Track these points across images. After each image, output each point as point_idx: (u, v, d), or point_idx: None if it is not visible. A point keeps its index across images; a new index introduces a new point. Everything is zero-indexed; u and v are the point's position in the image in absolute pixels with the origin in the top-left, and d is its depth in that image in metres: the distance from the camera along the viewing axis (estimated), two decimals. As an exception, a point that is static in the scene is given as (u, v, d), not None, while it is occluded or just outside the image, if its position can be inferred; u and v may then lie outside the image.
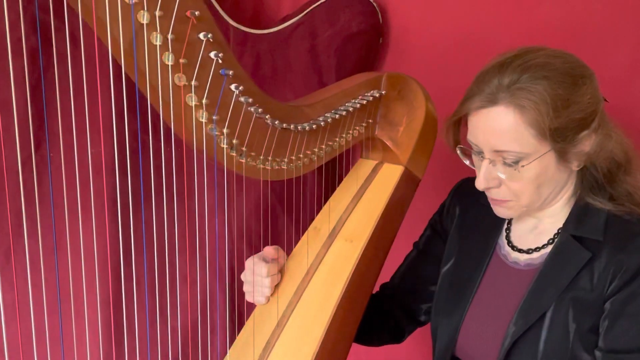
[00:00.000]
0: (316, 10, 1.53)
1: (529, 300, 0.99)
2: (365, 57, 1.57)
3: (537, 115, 0.91)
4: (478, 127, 0.96)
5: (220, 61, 0.84)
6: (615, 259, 0.94)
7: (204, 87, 0.85)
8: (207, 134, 0.88)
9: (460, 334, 1.06)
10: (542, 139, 0.92)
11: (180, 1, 0.79)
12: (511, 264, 1.06)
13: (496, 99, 0.93)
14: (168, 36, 0.79)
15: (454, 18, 1.49)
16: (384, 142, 1.15)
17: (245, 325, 1.08)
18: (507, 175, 0.96)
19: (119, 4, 0.75)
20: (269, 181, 1.42)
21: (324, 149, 1.05)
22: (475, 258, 1.10)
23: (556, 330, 0.96)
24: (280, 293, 1.06)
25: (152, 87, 0.81)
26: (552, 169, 0.97)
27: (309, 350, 0.96)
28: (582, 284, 0.96)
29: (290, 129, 0.97)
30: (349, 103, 1.06)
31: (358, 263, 1.03)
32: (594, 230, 0.97)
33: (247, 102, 0.89)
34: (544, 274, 0.99)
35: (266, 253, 1.09)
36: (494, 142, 0.94)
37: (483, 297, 1.06)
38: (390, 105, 1.15)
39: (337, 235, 1.09)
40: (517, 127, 0.92)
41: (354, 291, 1.02)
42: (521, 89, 0.92)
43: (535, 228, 1.06)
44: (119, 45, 0.77)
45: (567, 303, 0.95)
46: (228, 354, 1.03)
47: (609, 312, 0.93)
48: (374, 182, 1.14)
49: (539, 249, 1.04)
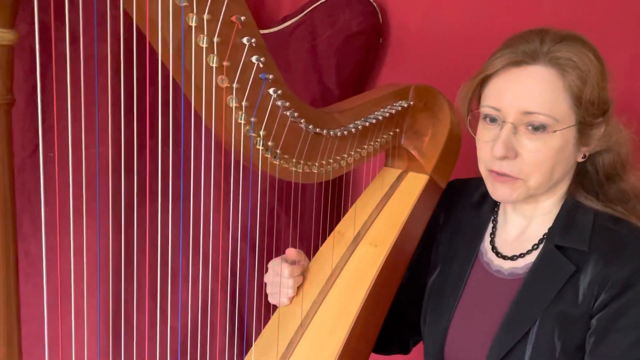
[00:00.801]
0: (316, 10, 1.53)
1: (512, 314, 0.97)
2: (365, 57, 1.57)
3: (578, 82, 0.90)
4: (507, 87, 0.94)
5: (261, 65, 0.87)
6: (600, 273, 0.92)
7: (244, 90, 0.88)
8: (245, 136, 0.91)
9: (447, 346, 1.06)
10: (573, 109, 0.92)
11: (227, 6, 0.82)
12: (494, 273, 1.05)
13: (536, 57, 0.92)
14: (214, 39, 0.82)
15: (454, 18, 1.49)
16: (409, 152, 1.18)
17: (268, 324, 1.10)
18: (529, 144, 0.93)
19: (171, 6, 0.78)
20: (269, 181, 1.43)
21: (352, 155, 1.08)
22: (458, 266, 1.09)
23: (541, 348, 0.94)
24: (304, 293, 1.09)
25: (196, 87, 0.84)
26: (569, 149, 0.95)
27: (332, 350, 0.99)
28: (567, 298, 0.94)
29: (322, 134, 1.00)
30: (378, 112, 1.09)
31: (382, 267, 1.06)
32: (579, 239, 0.96)
33: (284, 106, 0.92)
34: (527, 287, 0.98)
35: (289, 255, 1.11)
36: (525, 102, 0.92)
37: (467, 307, 1.06)
38: (417, 115, 1.18)
39: (361, 239, 1.12)
40: (554, 90, 0.91)
41: (377, 294, 1.05)
42: (566, 53, 0.91)
43: (523, 233, 1.05)
44: (168, 46, 0.80)
45: (552, 319, 0.94)
46: (253, 348, 1.05)
47: (596, 329, 0.92)
48: (398, 190, 1.17)
49: (523, 255, 1.02)
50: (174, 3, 0.78)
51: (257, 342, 1.06)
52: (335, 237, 1.15)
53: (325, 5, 1.52)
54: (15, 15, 0.67)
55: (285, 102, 0.92)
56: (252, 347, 1.05)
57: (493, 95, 0.96)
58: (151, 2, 0.76)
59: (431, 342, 1.09)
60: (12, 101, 0.69)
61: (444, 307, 1.08)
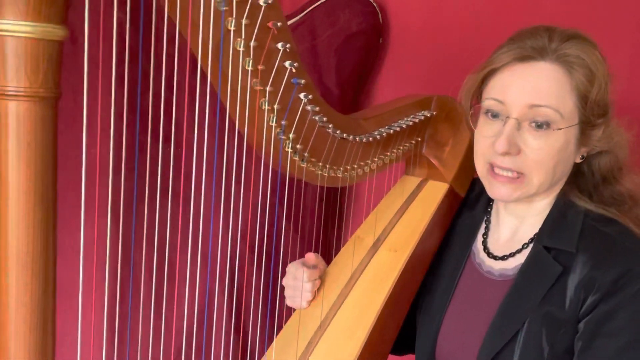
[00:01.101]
0: (316, 10, 1.53)
1: (501, 316, 0.98)
2: (365, 57, 1.57)
3: (585, 81, 0.91)
4: (513, 81, 0.94)
5: (294, 70, 0.90)
6: (587, 276, 0.92)
7: (276, 93, 0.90)
8: (275, 138, 0.94)
9: (438, 346, 1.07)
10: (578, 108, 0.92)
11: (264, 12, 0.85)
12: (485, 274, 1.06)
13: (544, 53, 0.92)
14: (250, 43, 0.85)
15: (454, 18, 1.50)
16: (429, 160, 1.20)
17: (286, 325, 1.12)
18: (532, 141, 0.92)
19: (212, 10, 0.81)
20: (269, 182, 1.44)
21: (375, 162, 1.11)
22: (450, 266, 1.11)
23: (530, 350, 0.94)
24: (324, 296, 1.11)
25: (232, 90, 0.86)
26: (571, 148, 0.95)
27: (352, 351, 1.01)
28: (554, 300, 0.94)
29: (348, 140, 1.02)
30: (401, 120, 1.11)
31: (402, 271, 1.08)
32: (567, 241, 0.95)
33: (314, 110, 0.95)
34: (515, 288, 0.98)
35: (308, 259, 1.13)
36: (531, 96, 0.91)
37: (458, 308, 1.07)
38: (438, 126, 1.20)
39: (381, 244, 1.14)
40: (561, 87, 0.91)
41: (396, 298, 1.07)
42: (575, 51, 0.91)
43: (515, 234, 1.05)
44: (207, 49, 0.82)
45: (540, 320, 0.94)
46: (273, 346, 1.07)
47: (583, 333, 0.91)
48: (419, 197, 1.19)
49: (513, 254, 1.03)
50: (215, 7, 0.81)
51: (276, 341, 1.08)
52: (355, 242, 1.17)
53: (325, 5, 1.53)
54: (66, 11, 0.70)
55: (315, 106, 0.94)
56: (273, 344, 1.07)
57: (498, 88, 0.96)
58: (194, 6, 0.79)
59: (423, 342, 1.10)
60: (60, 95, 0.71)
61: (435, 306, 1.09)
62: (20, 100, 0.68)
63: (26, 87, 0.68)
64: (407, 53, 1.59)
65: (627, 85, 1.25)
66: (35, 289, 0.72)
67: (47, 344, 0.75)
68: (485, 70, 0.98)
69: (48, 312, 0.74)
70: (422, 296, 1.14)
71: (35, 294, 0.72)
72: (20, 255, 0.71)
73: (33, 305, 0.72)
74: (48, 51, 0.68)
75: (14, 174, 0.69)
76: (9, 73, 0.67)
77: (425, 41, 1.55)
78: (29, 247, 0.71)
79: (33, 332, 0.73)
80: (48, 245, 0.72)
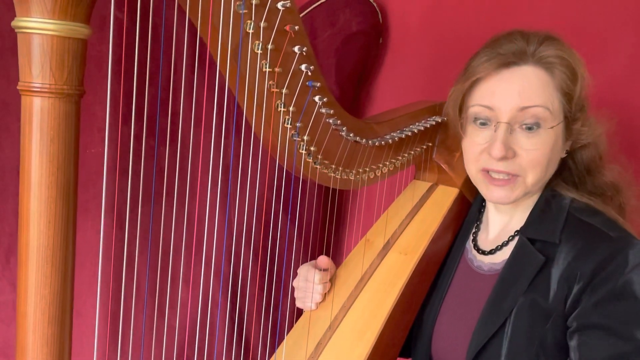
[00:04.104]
0: (316, 10, 1.54)
1: (489, 308, 0.99)
2: (365, 57, 1.58)
3: (567, 79, 0.94)
4: (499, 86, 0.97)
5: (310, 73, 0.91)
6: (570, 267, 0.93)
7: (292, 96, 0.92)
8: (289, 140, 0.95)
9: (433, 341, 1.09)
10: (563, 105, 0.95)
11: (282, 15, 0.86)
12: (476, 269, 1.08)
13: (525, 58, 0.95)
14: (268, 46, 0.87)
15: (454, 18, 1.51)
16: (439, 165, 1.22)
17: (296, 325, 1.13)
18: (526, 142, 0.95)
19: (232, 13, 0.82)
20: (267, 182, 1.44)
21: (387, 166, 1.12)
22: (446, 265, 1.13)
23: (517, 341, 0.95)
24: (334, 297, 1.12)
25: (249, 91, 0.88)
26: (559, 144, 0.98)
27: (361, 352, 1.01)
28: (539, 290, 0.95)
29: (361, 143, 1.04)
30: (413, 125, 1.13)
31: (412, 274, 1.09)
32: (550, 232, 0.97)
33: (328, 113, 0.96)
34: (502, 280, 1.00)
35: (319, 262, 1.14)
36: (519, 99, 0.94)
37: (451, 304, 1.09)
38: (449, 132, 1.21)
39: (391, 247, 1.15)
40: (546, 87, 0.94)
41: (406, 300, 1.08)
42: (553, 51, 0.94)
43: (503, 230, 1.08)
44: (226, 51, 0.84)
45: (526, 310, 0.95)
46: (283, 345, 1.08)
47: (576, 329, 0.91)
48: (429, 201, 1.21)
49: (500, 248, 1.05)
50: (234, 10, 0.82)
51: (285, 341, 1.09)
52: (365, 245, 1.18)
53: (325, 5, 1.54)
54: (91, 11, 0.72)
55: (330, 109, 0.96)
56: (283, 343, 1.08)
57: (484, 95, 0.99)
58: (214, 9, 0.81)
59: (419, 338, 1.12)
60: (83, 92, 0.73)
61: (431, 303, 1.12)
62: (45, 96, 0.69)
63: (51, 83, 0.69)
64: (407, 53, 1.59)
65: (627, 86, 1.28)
66: (54, 282, 0.73)
67: (65, 337, 0.76)
68: (470, 81, 1.01)
69: (66, 305, 0.75)
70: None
71: (54, 287, 0.73)
72: (41, 248, 0.72)
73: (52, 298, 0.73)
74: (73, 49, 0.70)
75: (36, 169, 0.71)
76: (34, 70, 0.69)
77: (425, 41, 1.55)
78: (50, 241, 0.72)
79: (51, 325, 0.74)
80: (68, 239, 0.74)
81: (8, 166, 1.34)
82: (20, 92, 0.69)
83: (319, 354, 1.05)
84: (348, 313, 1.08)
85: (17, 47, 0.69)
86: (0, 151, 1.33)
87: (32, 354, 0.74)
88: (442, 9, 1.53)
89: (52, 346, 0.75)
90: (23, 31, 0.68)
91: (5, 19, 1.24)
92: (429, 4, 1.55)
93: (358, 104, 1.73)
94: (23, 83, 0.69)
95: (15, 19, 0.68)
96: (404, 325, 1.09)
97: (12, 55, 1.23)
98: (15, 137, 1.32)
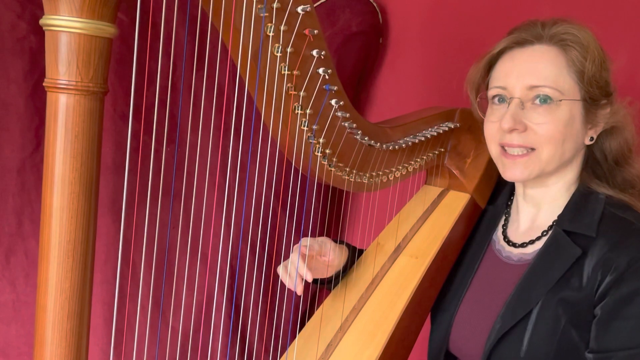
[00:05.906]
0: (316, 10, 1.52)
1: (517, 295, 0.99)
2: (365, 57, 1.58)
3: (579, 56, 0.96)
4: (512, 67, 1.00)
5: (327, 77, 0.93)
6: (604, 257, 0.94)
7: (309, 98, 0.93)
8: (305, 142, 0.96)
9: (453, 330, 1.09)
10: (578, 84, 0.97)
11: (301, 19, 0.88)
12: (504, 259, 1.08)
13: (540, 38, 0.98)
14: (287, 49, 0.88)
15: (454, 18, 1.51)
16: (451, 171, 1.23)
17: (305, 326, 1.14)
18: (537, 116, 0.97)
19: (253, 16, 0.84)
20: (265, 182, 1.44)
21: (400, 170, 1.13)
22: (471, 254, 1.14)
23: (542, 329, 0.95)
24: (345, 298, 1.13)
25: (268, 93, 0.89)
26: (578, 125, 0.99)
27: (372, 353, 1.02)
28: (571, 283, 0.95)
29: (375, 147, 1.05)
30: (426, 130, 1.14)
31: (423, 277, 1.10)
32: (587, 225, 0.98)
33: (344, 116, 0.97)
34: (533, 269, 1.00)
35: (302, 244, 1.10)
36: (530, 77, 0.97)
37: (475, 293, 1.09)
38: (461, 137, 1.23)
39: (402, 251, 1.16)
40: (557, 65, 0.97)
41: (417, 303, 1.09)
42: (566, 33, 0.97)
43: (533, 222, 1.08)
44: (247, 53, 0.85)
45: (555, 301, 0.95)
46: (294, 347, 1.09)
47: (601, 317, 0.92)
48: (440, 206, 1.22)
49: (533, 242, 1.05)
50: (255, 13, 0.84)
51: (296, 341, 1.10)
52: (376, 248, 1.19)
53: (325, 5, 1.54)
54: (117, 10, 0.73)
55: (345, 113, 0.97)
56: (294, 343, 1.09)
57: (500, 76, 1.02)
58: (236, 12, 0.82)
59: (438, 328, 1.12)
60: (107, 90, 0.74)
61: (452, 294, 1.12)
62: (71, 93, 0.70)
63: (77, 81, 0.70)
64: (407, 53, 1.60)
65: (627, 86, 1.26)
66: (75, 277, 0.74)
67: (83, 332, 0.77)
68: (487, 58, 1.04)
69: (85, 300, 0.76)
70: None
71: (74, 282, 0.74)
72: (62, 243, 0.73)
73: (72, 292, 0.74)
74: (99, 47, 0.71)
75: (60, 164, 0.72)
76: (61, 67, 0.70)
77: (425, 41, 1.56)
78: (71, 236, 0.73)
79: (70, 319, 0.75)
80: (89, 235, 0.75)
81: (8, 166, 1.35)
82: (47, 88, 0.70)
83: (330, 355, 1.05)
84: (359, 315, 1.09)
85: (45, 44, 0.70)
86: (0, 151, 1.34)
87: (50, 347, 0.75)
88: (442, 9, 1.54)
89: (71, 340, 0.76)
90: (51, 29, 0.69)
91: (5, 18, 1.26)
92: (429, 4, 1.55)
93: (358, 104, 1.74)
94: (49, 80, 0.70)
95: (43, 16, 0.69)
96: (413, 328, 1.10)
97: (12, 55, 1.24)
98: (15, 137, 1.33)
